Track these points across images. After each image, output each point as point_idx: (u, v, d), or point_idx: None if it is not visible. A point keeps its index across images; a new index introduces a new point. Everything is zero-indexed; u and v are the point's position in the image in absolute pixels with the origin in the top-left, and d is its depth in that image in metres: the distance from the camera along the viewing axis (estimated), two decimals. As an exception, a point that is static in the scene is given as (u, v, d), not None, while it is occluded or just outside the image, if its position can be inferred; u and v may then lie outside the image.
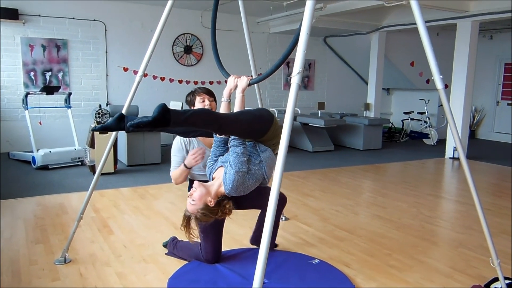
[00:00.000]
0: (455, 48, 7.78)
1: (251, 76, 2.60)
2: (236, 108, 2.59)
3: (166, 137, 8.42)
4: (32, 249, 3.34)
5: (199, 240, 2.89)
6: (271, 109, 8.69)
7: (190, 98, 3.05)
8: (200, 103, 2.97)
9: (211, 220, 2.52)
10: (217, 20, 3.06)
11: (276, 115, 8.24)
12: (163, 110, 2.00)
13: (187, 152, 2.97)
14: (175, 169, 3.00)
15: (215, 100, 3.06)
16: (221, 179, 2.47)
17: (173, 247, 3.25)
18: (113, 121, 2.13)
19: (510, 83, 10.44)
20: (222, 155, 2.58)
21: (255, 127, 2.47)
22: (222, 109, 2.65)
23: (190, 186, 2.75)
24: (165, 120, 2.02)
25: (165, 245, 3.39)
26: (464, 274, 3.03)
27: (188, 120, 2.09)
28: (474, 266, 3.18)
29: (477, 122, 11.02)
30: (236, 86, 2.63)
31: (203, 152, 2.87)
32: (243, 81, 2.57)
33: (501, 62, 10.58)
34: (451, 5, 7.11)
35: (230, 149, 2.46)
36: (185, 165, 2.90)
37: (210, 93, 3.04)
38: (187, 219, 2.51)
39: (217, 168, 2.56)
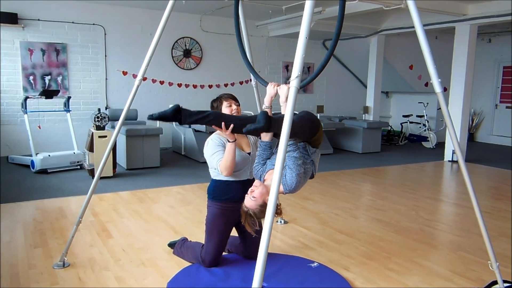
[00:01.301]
0: (453, 51, 7.80)
1: (277, 83, 2.64)
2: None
3: (165, 141, 8.43)
4: (31, 253, 3.34)
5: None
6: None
7: (216, 104, 3.02)
8: (227, 107, 2.97)
9: (263, 218, 2.57)
10: (216, 25, 3.06)
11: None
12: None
13: (224, 146, 2.90)
14: (221, 160, 2.87)
15: (239, 105, 3.07)
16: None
17: (180, 245, 3.30)
18: (171, 112, 2.46)
19: (509, 86, 10.46)
20: (269, 158, 2.70)
21: (306, 129, 2.61)
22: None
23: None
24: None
25: (170, 244, 3.44)
26: (463, 278, 3.03)
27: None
28: (473, 269, 3.18)
29: (476, 125, 11.04)
30: (276, 94, 2.67)
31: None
32: (283, 89, 2.57)
33: (500, 65, 10.60)
34: (450, 9, 7.14)
35: (286, 154, 2.53)
36: (228, 140, 2.80)
37: (235, 99, 3.06)
38: (245, 214, 2.61)
39: (268, 171, 2.67)
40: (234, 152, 2.82)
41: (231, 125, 2.59)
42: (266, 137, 2.71)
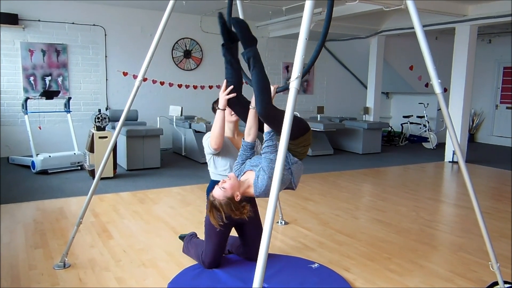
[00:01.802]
0: (454, 52, 7.81)
1: (277, 84, 2.65)
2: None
3: (165, 142, 8.43)
4: (31, 254, 3.34)
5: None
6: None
7: (217, 106, 2.99)
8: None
9: (229, 213, 2.57)
10: (217, 25, 3.06)
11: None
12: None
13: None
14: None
15: None
16: (251, 181, 2.59)
17: (188, 241, 3.32)
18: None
19: (509, 87, 10.46)
20: (249, 159, 2.74)
21: (294, 126, 2.60)
22: (252, 116, 2.76)
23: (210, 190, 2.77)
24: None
25: (181, 237, 3.50)
26: (464, 278, 3.03)
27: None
28: (474, 270, 3.18)
29: (476, 125, 11.03)
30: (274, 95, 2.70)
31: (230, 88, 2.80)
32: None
33: (500, 66, 10.60)
34: (450, 9, 7.14)
35: (263, 155, 2.58)
36: (218, 108, 2.82)
37: None
38: (211, 204, 2.61)
39: (245, 171, 2.69)
40: (223, 121, 2.85)
41: (231, 87, 2.66)
42: (248, 137, 2.77)
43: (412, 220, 4.39)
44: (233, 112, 2.97)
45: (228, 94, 2.71)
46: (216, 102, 3.08)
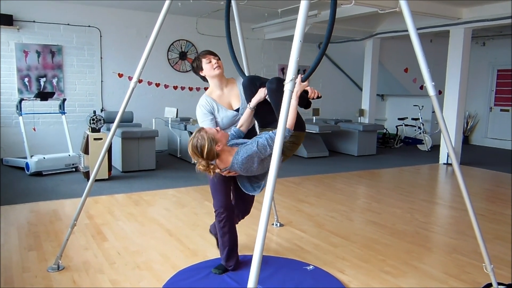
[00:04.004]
0: (448, 54, 7.85)
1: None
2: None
3: (161, 144, 8.41)
4: (25, 256, 3.32)
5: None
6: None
7: (196, 63, 3.00)
8: (207, 64, 2.94)
9: (199, 156, 2.55)
10: (212, 27, 3.09)
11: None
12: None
13: (212, 112, 2.93)
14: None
15: (219, 59, 3.03)
16: (235, 150, 2.62)
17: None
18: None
19: (503, 90, 10.53)
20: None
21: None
22: (246, 115, 2.84)
23: None
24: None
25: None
26: (458, 280, 3.04)
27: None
28: (468, 271, 3.19)
29: (471, 128, 11.09)
30: (264, 98, 2.78)
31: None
32: (260, 91, 2.79)
33: (494, 69, 10.67)
34: (444, 12, 7.18)
35: (261, 138, 2.61)
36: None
37: (213, 53, 3.03)
38: (196, 132, 2.60)
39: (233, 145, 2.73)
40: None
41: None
42: (243, 126, 2.85)
43: (407, 222, 4.41)
44: (215, 66, 2.93)
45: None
46: (193, 61, 3.03)
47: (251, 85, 2.85)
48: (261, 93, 2.78)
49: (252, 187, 2.80)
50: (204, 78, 3.03)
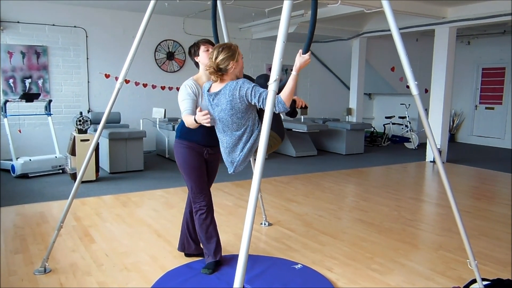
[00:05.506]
0: (433, 53, 7.94)
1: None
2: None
3: (149, 144, 8.37)
4: (11, 259, 3.28)
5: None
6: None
7: (194, 50, 3.06)
8: (204, 52, 3.02)
9: (223, 58, 2.75)
10: (199, 27, 3.12)
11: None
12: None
13: (196, 95, 2.92)
14: (188, 114, 2.85)
15: None
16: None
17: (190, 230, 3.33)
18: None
19: (488, 88, 10.68)
20: None
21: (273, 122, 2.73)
22: (292, 81, 2.67)
23: None
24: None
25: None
26: (444, 276, 3.08)
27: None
28: (453, 268, 3.24)
29: (457, 126, 11.23)
30: None
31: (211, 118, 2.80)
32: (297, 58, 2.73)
33: (479, 67, 10.82)
34: (429, 12, 7.26)
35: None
36: (195, 119, 2.77)
37: (213, 44, 3.07)
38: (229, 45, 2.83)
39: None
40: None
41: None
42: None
43: (394, 220, 4.45)
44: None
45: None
46: (192, 46, 3.09)
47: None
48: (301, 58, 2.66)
49: (231, 163, 2.84)
50: (197, 64, 3.10)
